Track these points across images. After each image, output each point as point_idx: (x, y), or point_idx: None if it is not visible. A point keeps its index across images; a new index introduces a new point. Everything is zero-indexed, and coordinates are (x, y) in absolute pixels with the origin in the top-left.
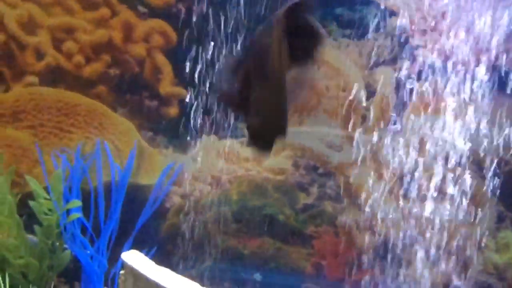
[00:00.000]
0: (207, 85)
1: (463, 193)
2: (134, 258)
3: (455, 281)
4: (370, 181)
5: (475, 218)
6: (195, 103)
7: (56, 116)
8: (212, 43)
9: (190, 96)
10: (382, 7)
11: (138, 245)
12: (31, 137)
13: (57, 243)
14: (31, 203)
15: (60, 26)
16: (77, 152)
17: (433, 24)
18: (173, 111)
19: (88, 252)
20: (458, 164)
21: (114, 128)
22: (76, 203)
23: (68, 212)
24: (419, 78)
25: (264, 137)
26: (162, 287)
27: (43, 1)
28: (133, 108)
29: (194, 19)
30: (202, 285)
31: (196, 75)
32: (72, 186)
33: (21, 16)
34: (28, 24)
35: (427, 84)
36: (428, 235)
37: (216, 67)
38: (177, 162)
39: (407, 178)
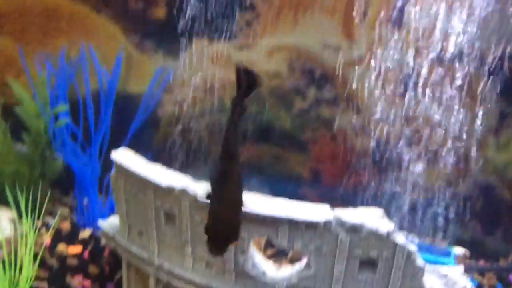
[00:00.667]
0: None
1: (463, 89)
2: (124, 156)
3: (455, 181)
4: (369, 83)
5: (476, 116)
6: (184, 3)
7: (39, 20)
8: None
9: None
10: None
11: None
12: (14, 43)
13: (48, 152)
14: (17, 108)
15: None
16: (61, 57)
17: None
18: (160, 12)
19: (80, 159)
20: (459, 58)
21: (99, 32)
22: (63, 107)
23: (56, 118)
24: None
25: (217, 243)
26: (154, 182)
27: None
28: (118, 11)
29: None
30: None
31: None
32: (58, 93)
33: None
34: None
35: None
36: (427, 134)
37: None
38: (167, 68)
39: (407, 77)
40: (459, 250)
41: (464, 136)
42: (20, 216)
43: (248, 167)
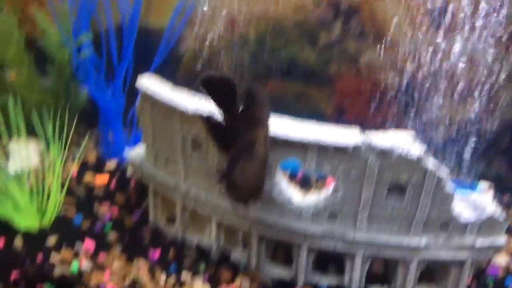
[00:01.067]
0: None
1: (491, 25)
2: (150, 82)
3: (481, 117)
4: (397, 16)
5: (505, 53)
6: None
7: None
8: None
9: None
10: None
11: None
12: None
13: (72, 84)
14: (40, 39)
15: None
16: None
17: None
18: None
19: (104, 91)
20: None
21: None
22: (86, 36)
23: (79, 49)
24: None
25: (242, 198)
26: (179, 108)
27: None
28: None
29: None
30: None
31: None
32: (81, 24)
33: None
34: None
35: None
36: (454, 70)
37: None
38: (188, 1)
39: (436, 11)
40: (484, 185)
41: (492, 73)
42: (47, 145)
43: (271, 103)
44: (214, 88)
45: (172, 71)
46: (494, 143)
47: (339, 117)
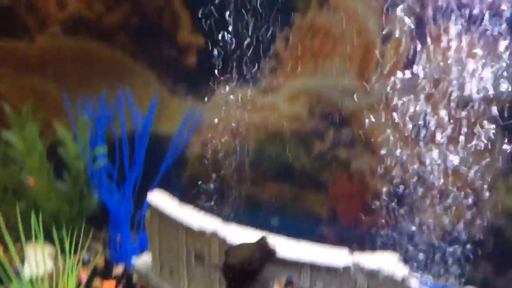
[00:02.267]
0: (225, 34)
1: (475, 134)
2: (159, 198)
3: (467, 222)
4: (384, 127)
5: (487, 159)
6: (213, 52)
7: (81, 65)
8: None
9: (208, 45)
10: None
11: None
12: (57, 87)
13: (85, 190)
14: (59, 149)
15: None
16: (101, 101)
17: None
18: (191, 60)
19: (114, 197)
20: (471, 104)
21: (135, 78)
22: (102, 149)
23: (94, 159)
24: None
25: None
26: (186, 225)
27: None
28: (152, 58)
29: None
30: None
31: (214, 24)
32: (97, 134)
33: None
34: None
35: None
36: (440, 179)
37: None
38: (196, 111)
39: (420, 124)
40: None
41: (476, 179)
42: (61, 251)
43: (269, 205)
44: (233, 273)
45: (179, 174)
46: (480, 248)
47: (334, 219)
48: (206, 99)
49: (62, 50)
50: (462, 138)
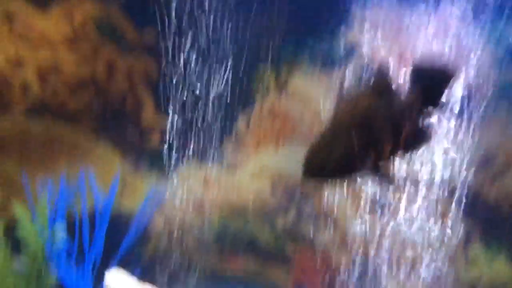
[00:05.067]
0: (188, 114)
1: (432, 213)
2: (116, 278)
3: None
4: (346, 202)
5: (445, 236)
6: (176, 131)
7: (42, 146)
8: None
9: (171, 125)
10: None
11: (122, 269)
12: (18, 167)
13: (43, 268)
14: (18, 228)
15: (46, 63)
16: (62, 180)
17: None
18: (154, 139)
19: (73, 275)
20: (427, 185)
21: (98, 157)
22: (61, 227)
23: (53, 238)
24: None
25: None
26: None
27: (30, 39)
28: (116, 138)
29: (176, 53)
30: None
31: (177, 106)
32: (57, 213)
33: (8, 53)
34: (15, 61)
35: None
36: (401, 253)
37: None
38: (158, 188)
39: (381, 199)
40: None
41: (436, 253)
42: None
43: (234, 279)
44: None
45: (141, 250)
46: None
47: None
48: (169, 176)
49: (24, 132)
50: (423, 213)
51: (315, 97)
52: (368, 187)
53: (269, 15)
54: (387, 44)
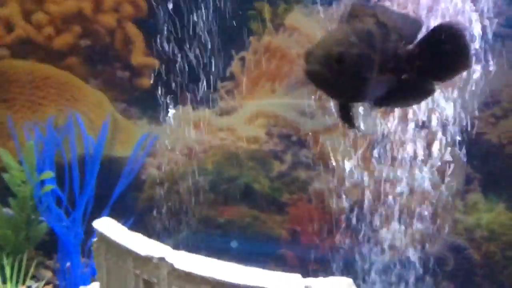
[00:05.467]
0: (180, 56)
1: (432, 157)
2: (106, 225)
3: (426, 243)
4: (343, 147)
5: (444, 181)
6: (168, 74)
7: (28, 89)
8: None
9: (163, 66)
10: None
11: (115, 217)
12: (3, 111)
13: (33, 216)
14: (4, 175)
15: None
16: (49, 125)
17: None
18: (145, 82)
19: (64, 223)
20: (426, 128)
21: (87, 100)
22: (49, 174)
23: (42, 184)
24: None
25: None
26: (133, 252)
27: None
28: (105, 80)
29: None
30: None
31: (168, 46)
32: (45, 159)
33: None
34: None
35: None
36: (399, 198)
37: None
38: (151, 133)
39: (379, 143)
40: None
41: (434, 198)
42: (4, 281)
43: (228, 227)
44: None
45: (134, 198)
46: (440, 268)
47: (294, 241)
48: (161, 121)
49: (9, 73)
50: (421, 157)
51: (314, 34)
52: (366, 132)
53: None
54: None
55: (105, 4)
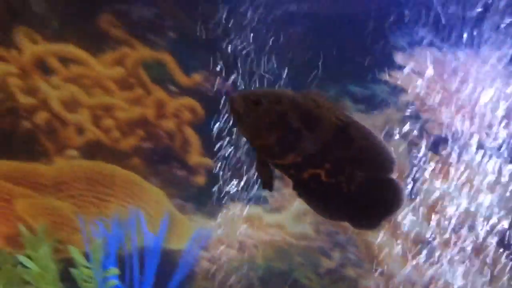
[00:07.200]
0: (230, 157)
1: (480, 260)
2: None
3: None
4: (390, 246)
5: (492, 281)
6: (221, 172)
7: (95, 186)
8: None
9: (216, 166)
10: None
11: None
12: (71, 207)
13: None
14: (72, 270)
15: (99, 105)
16: (114, 221)
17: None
18: (200, 179)
19: None
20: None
21: (147, 197)
22: (115, 271)
23: (106, 278)
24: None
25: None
26: None
27: (84, 83)
28: (164, 178)
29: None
30: None
31: (221, 147)
32: (109, 253)
33: (64, 96)
34: (70, 103)
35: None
36: None
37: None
38: (205, 228)
39: (425, 243)
40: None
41: None
42: None
43: None
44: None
45: None
46: None
47: None
48: (214, 217)
49: (78, 172)
50: (469, 258)
51: None
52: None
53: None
54: None
55: (167, 111)
